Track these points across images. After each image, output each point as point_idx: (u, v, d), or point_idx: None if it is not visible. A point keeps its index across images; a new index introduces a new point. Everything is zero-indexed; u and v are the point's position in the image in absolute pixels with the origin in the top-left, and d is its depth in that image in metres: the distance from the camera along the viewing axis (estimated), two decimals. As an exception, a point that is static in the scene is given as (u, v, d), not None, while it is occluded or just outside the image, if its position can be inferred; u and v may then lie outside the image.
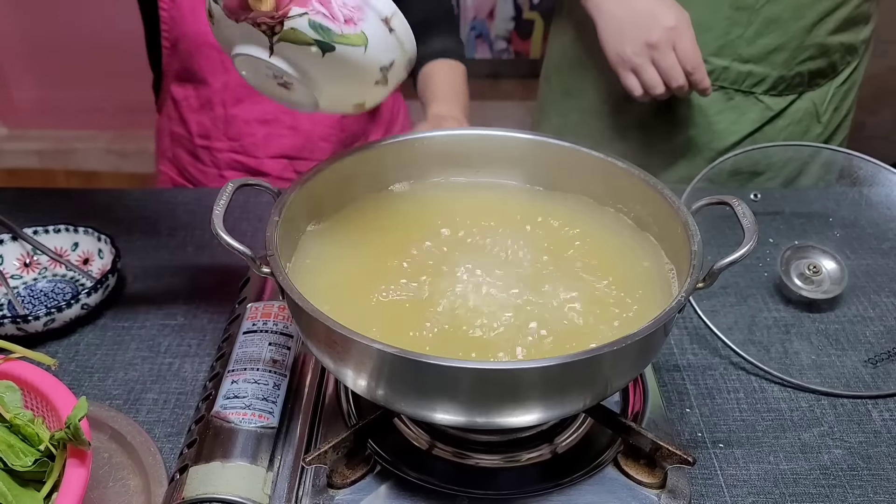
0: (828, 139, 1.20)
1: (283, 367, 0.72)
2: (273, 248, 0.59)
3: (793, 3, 1.06)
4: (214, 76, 1.14)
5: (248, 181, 0.65)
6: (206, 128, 1.20)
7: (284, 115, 1.17)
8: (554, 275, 0.67)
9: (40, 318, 0.81)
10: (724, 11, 1.07)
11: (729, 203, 0.62)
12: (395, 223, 0.73)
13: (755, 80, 1.12)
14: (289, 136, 1.18)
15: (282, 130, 1.18)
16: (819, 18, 1.07)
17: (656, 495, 0.61)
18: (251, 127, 1.18)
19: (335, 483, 0.61)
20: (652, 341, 0.57)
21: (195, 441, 0.65)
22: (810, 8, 1.06)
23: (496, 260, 0.68)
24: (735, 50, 1.10)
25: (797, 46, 1.09)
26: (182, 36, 1.11)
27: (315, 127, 1.18)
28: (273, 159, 1.19)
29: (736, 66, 1.11)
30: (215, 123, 1.19)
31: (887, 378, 0.80)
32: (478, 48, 2.41)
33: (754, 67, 1.11)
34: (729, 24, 1.08)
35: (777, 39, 1.08)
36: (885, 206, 0.92)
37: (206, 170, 1.23)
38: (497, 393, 0.54)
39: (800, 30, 1.07)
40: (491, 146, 0.76)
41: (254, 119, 1.17)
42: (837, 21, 1.08)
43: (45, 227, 0.94)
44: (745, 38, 1.09)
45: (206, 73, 1.14)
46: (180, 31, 1.11)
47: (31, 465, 0.58)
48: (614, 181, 0.72)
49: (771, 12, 1.06)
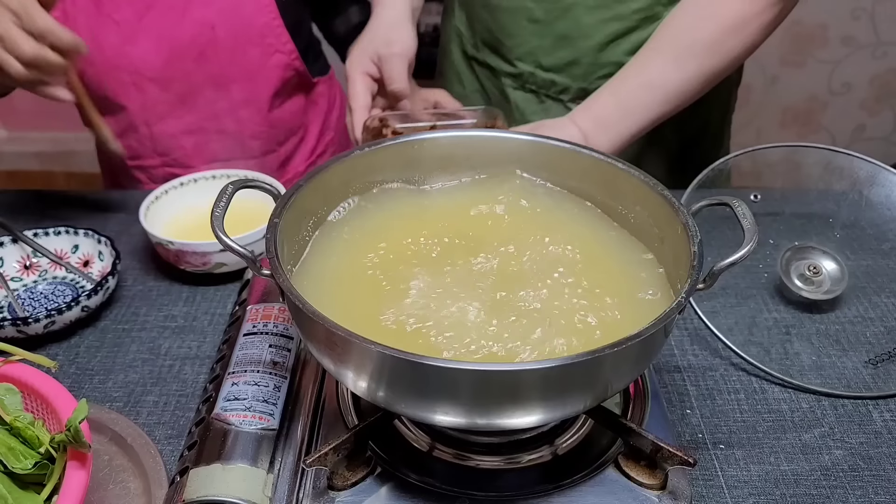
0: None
1: (284, 369, 0.72)
2: (273, 250, 0.59)
3: (578, 23, 1.07)
4: (129, 99, 1.12)
5: (248, 182, 0.65)
6: (134, 149, 1.18)
7: (208, 121, 1.16)
8: (553, 276, 0.67)
9: (40, 320, 0.81)
10: (522, 22, 1.10)
11: (729, 204, 0.62)
12: (395, 224, 0.73)
13: (559, 88, 1.13)
14: (217, 141, 1.18)
15: (210, 136, 1.18)
16: (608, 40, 1.07)
17: (657, 496, 0.61)
18: (178, 140, 1.17)
19: (336, 485, 0.61)
20: (652, 342, 0.57)
21: (195, 443, 0.65)
22: (596, 29, 1.06)
23: (499, 264, 0.68)
24: (536, 58, 1.12)
25: (592, 63, 1.09)
26: (88, 64, 1.08)
27: (242, 127, 1.17)
28: (208, 166, 1.18)
29: (540, 73, 1.13)
30: (142, 143, 1.17)
31: (888, 379, 0.80)
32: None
33: (556, 77, 1.13)
34: (528, 34, 1.11)
35: (571, 54, 1.10)
36: (885, 206, 0.92)
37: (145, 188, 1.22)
38: (498, 394, 0.54)
39: (590, 48, 1.08)
40: (491, 147, 0.76)
41: (179, 132, 1.17)
42: (634, 44, 1.06)
43: (45, 230, 0.94)
44: (543, 49, 1.11)
45: (120, 98, 1.12)
46: (85, 60, 1.07)
47: (32, 467, 0.58)
48: (614, 182, 0.72)
49: (560, 29, 1.08)
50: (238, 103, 1.15)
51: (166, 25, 1.07)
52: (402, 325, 0.61)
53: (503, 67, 1.17)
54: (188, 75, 1.11)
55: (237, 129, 1.18)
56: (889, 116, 2.48)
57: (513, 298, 0.64)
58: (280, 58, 1.15)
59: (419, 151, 0.75)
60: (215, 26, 1.09)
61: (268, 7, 1.11)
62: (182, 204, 1.01)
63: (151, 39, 1.07)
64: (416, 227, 0.73)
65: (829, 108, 2.58)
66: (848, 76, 2.52)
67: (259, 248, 0.90)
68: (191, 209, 1.01)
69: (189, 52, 1.08)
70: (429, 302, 0.64)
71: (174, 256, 0.91)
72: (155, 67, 1.09)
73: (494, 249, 0.70)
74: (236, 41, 1.10)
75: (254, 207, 0.97)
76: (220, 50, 1.10)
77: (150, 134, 1.16)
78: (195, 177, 1.03)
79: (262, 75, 1.15)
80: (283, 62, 1.15)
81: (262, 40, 1.12)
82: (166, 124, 1.16)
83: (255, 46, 1.12)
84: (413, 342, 0.60)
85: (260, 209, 0.98)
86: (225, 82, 1.13)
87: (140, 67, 1.09)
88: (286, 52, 1.15)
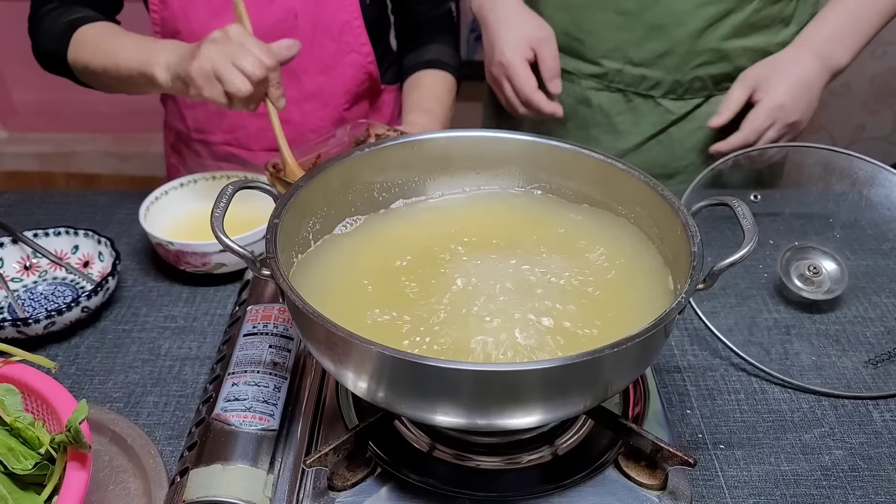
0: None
1: (284, 370, 0.72)
2: (273, 251, 0.59)
3: (673, 10, 1.05)
4: None
5: (248, 183, 0.65)
6: (200, 122, 1.21)
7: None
8: (553, 277, 0.67)
9: (40, 321, 0.81)
10: (609, 16, 1.08)
11: (729, 204, 0.62)
12: (395, 225, 0.73)
13: (650, 83, 1.11)
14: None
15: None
16: (706, 25, 1.05)
17: (657, 497, 0.61)
18: (244, 120, 1.19)
19: (336, 485, 0.61)
20: (652, 343, 0.57)
21: (196, 444, 0.65)
22: (692, 14, 1.05)
23: (497, 265, 0.68)
24: (625, 53, 1.10)
25: (687, 52, 1.07)
26: (173, 34, 1.11)
27: (305, 119, 1.18)
28: (266, 151, 1.20)
29: (629, 69, 1.11)
30: (209, 117, 1.20)
31: (888, 379, 0.80)
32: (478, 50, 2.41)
33: (646, 71, 1.10)
34: (615, 28, 1.08)
35: (664, 45, 1.07)
36: (885, 206, 0.92)
37: (204, 162, 1.24)
38: (498, 394, 0.54)
39: (686, 36, 1.06)
40: (491, 147, 0.76)
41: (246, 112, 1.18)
42: (732, 27, 1.06)
43: (45, 230, 0.94)
44: (632, 43, 1.09)
45: None
46: (171, 29, 1.11)
47: (32, 468, 0.58)
48: (614, 182, 0.72)
49: (652, 18, 1.06)
50: (307, 95, 1.16)
51: (253, 6, 1.08)
52: (402, 325, 0.61)
53: (583, 69, 1.14)
54: None
55: (300, 120, 1.18)
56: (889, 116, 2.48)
57: (513, 298, 0.64)
58: (355, 58, 1.16)
59: (418, 152, 0.75)
60: (298, 15, 1.10)
61: (351, 6, 1.12)
62: (182, 204, 1.01)
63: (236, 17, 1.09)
64: (417, 229, 0.73)
65: (828, 108, 2.58)
66: (848, 76, 2.50)
67: (259, 249, 0.90)
68: (191, 210, 1.01)
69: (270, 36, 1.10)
70: (429, 303, 0.64)
71: (174, 257, 0.91)
72: None
73: (493, 253, 0.70)
74: (315, 33, 1.12)
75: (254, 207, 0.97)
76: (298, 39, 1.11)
77: (218, 109, 1.17)
78: (195, 177, 1.03)
79: (335, 72, 1.16)
80: (357, 62, 1.16)
81: (340, 37, 1.13)
82: None
83: (332, 42, 1.13)
84: (414, 342, 0.60)
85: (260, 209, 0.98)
86: (298, 72, 1.14)
87: None
88: (362, 54, 1.16)
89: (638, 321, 0.55)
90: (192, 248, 0.89)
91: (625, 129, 1.17)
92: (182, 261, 0.91)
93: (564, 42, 1.14)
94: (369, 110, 1.25)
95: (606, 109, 1.16)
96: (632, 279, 0.67)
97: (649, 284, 0.67)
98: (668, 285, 0.66)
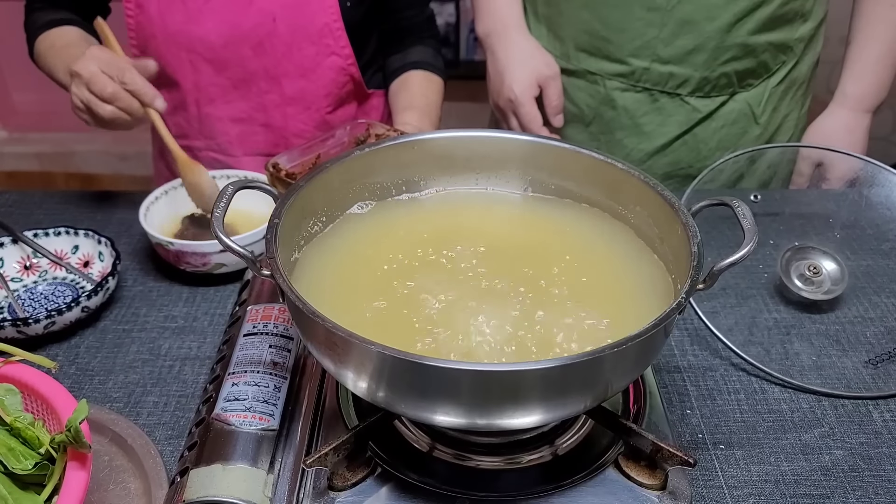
0: (769, 140, 1.18)
1: (284, 370, 0.72)
2: (273, 251, 0.59)
3: (704, 4, 1.04)
4: (184, 77, 1.14)
5: (248, 183, 0.65)
6: (182, 128, 1.20)
7: (256, 113, 1.17)
8: (552, 277, 0.67)
9: (40, 320, 0.81)
10: (637, 13, 1.07)
11: (729, 204, 0.62)
12: (395, 225, 0.73)
13: (678, 81, 1.10)
14: (262, 134, 1.19)
15: (255, 128, 1.18)
16: (736, 19, 1.05)
17: (657, 497, 0.61)
18: (225, 125, 1.18)
19: (336, 485, 0.61)
20: (652, 342, 0.57)
21: (196, 444, 0.65)
22: (723, 9, 1.04)
23: (496, 265, 0.68)
24: (653, 51, 1.09)
25: (716, 47, 1.07)
26: (150, 38, 1.11)
27: (288, 123, 1.18)
28: (250, 157, 1.19)
29: (657, 67, 1.10)
30: (190, 123, 1.19)
31: (888, 379, 0.80)
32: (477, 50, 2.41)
33: (675, 69, 1.09)
34: (643, 25, 1.07)
35: (694, 40, 1.07)
36: (885, 206, 0.92)
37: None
38: (498, 394, 0.54)
39: (716, 31, 1.05)
40: (491, 148, 0.76)
41: (227, 117, 1.18)
42: (759, 21, 1.05)
43: (45, 230, 0.94)
44: (661, 39, 1.07)
45: (176, 74, 1.14)
46: (147, 33, 1.11)
47: (32, 468, 0.58)
48: (614, 183, 0.72)
49: (683, 13, 1.05)
50: (288, 99, 1.16)
51: (231, 10, 1.08)
52: (402, 325, 0.61)
53: (608, 69, 1.13)
54: (243, 62, 1.12)
55: (283, 124, 1.18)
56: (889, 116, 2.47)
57: (512, 297, 0.64)
58: (335, 60, 1.15)
59: (418, 152, 0.75)
60: (276, 18, 1.10)
61: (331, 8, 1.12)
62: (182, 205, 1.01)
63: (214, 21, 1.09)
64: (417, 228, 0.73)
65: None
66: (848, 76, 2.51)
67: (259, 248, 0.90)
68: (191, 210, 1.01)
69: (248, 39, 1.10)
70: (429, 303, 0.64)
71: (174, 257, 0.91)
72: (212, 49, 1.10)
73: (492, 253, 0.70)
74: (294, 36, 1.11)
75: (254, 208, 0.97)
76: (277, 43, 1.11)
77: (198, 115, 1.17)
78: None
79: (316, 74, 1.15)
80: (337, 65, 1.15)
81: (320, 40, 1.13)
82: (215, 108, 1.17)
83: (312, 45, 1.13)
84: (413, 342, 0.60)
85: (260, 210, 0.98)
86: (277, 75, 1.14)
87: (198, 47, 1.11)
88: (343, 56, 1.15)
89: (638, 321, 0.55)
90: (192, 248, 0.89)
91: (650, 129, 1.15)
92: (182, 261, 0.91)
93: (588, 42, 1.13)
94: (357, 114, 1.24)
95: (632, 110, 1.14)
96: (632, 279, 0.68)
97: (649, 284, 0.67)
98: (668, 285, 0.66)
